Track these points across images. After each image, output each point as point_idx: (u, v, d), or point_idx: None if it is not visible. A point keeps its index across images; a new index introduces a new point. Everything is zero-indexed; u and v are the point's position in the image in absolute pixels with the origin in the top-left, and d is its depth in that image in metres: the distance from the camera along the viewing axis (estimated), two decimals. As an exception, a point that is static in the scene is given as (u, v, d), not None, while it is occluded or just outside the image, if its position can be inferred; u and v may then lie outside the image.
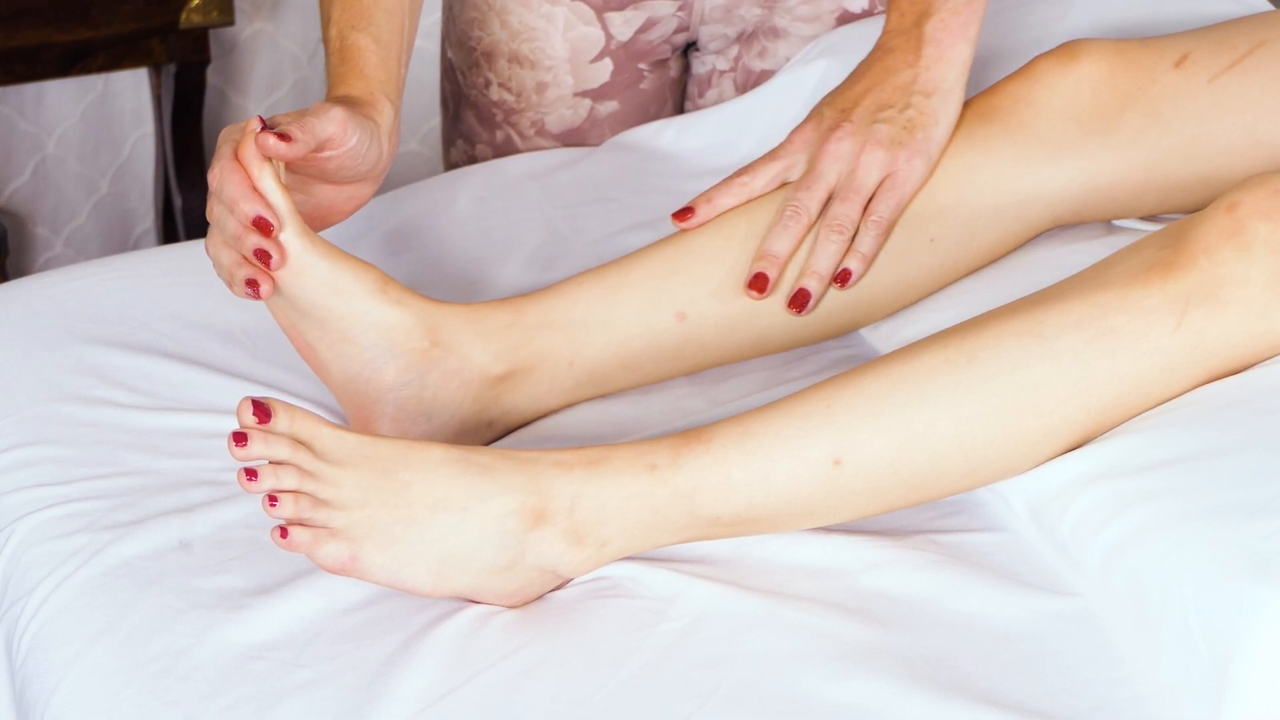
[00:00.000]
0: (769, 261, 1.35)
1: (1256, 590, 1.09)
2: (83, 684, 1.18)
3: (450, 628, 1.18)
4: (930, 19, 1.40)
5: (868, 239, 1.36)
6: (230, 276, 1.26)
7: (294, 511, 1.16)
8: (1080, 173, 1.40)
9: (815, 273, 1.36)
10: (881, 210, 1.36)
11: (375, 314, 1.29)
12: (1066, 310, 1.21)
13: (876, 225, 1.36)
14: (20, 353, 1.43)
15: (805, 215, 1.35)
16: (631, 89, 1.68)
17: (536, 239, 1.54)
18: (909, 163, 1.36)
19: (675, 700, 1.13)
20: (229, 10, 2.25)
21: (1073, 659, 1.15)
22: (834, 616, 1.18)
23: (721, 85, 1.70)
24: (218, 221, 1.26)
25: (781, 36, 1.67)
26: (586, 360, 1.35)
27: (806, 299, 1.35)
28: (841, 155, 1.37)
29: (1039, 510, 1.22)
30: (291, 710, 1.14)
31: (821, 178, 1.36)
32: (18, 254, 2.44)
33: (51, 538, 1.28)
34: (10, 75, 2.21)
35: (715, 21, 1.66)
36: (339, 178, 1.30)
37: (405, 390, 1.30)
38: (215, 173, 1.24)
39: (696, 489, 1.19)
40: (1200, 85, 1.39)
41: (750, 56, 1.68)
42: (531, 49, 1.65)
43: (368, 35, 1.33)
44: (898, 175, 1.36)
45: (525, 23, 1.64)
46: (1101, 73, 1.40)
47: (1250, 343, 1.22)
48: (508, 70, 1.66)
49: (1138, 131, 1.39)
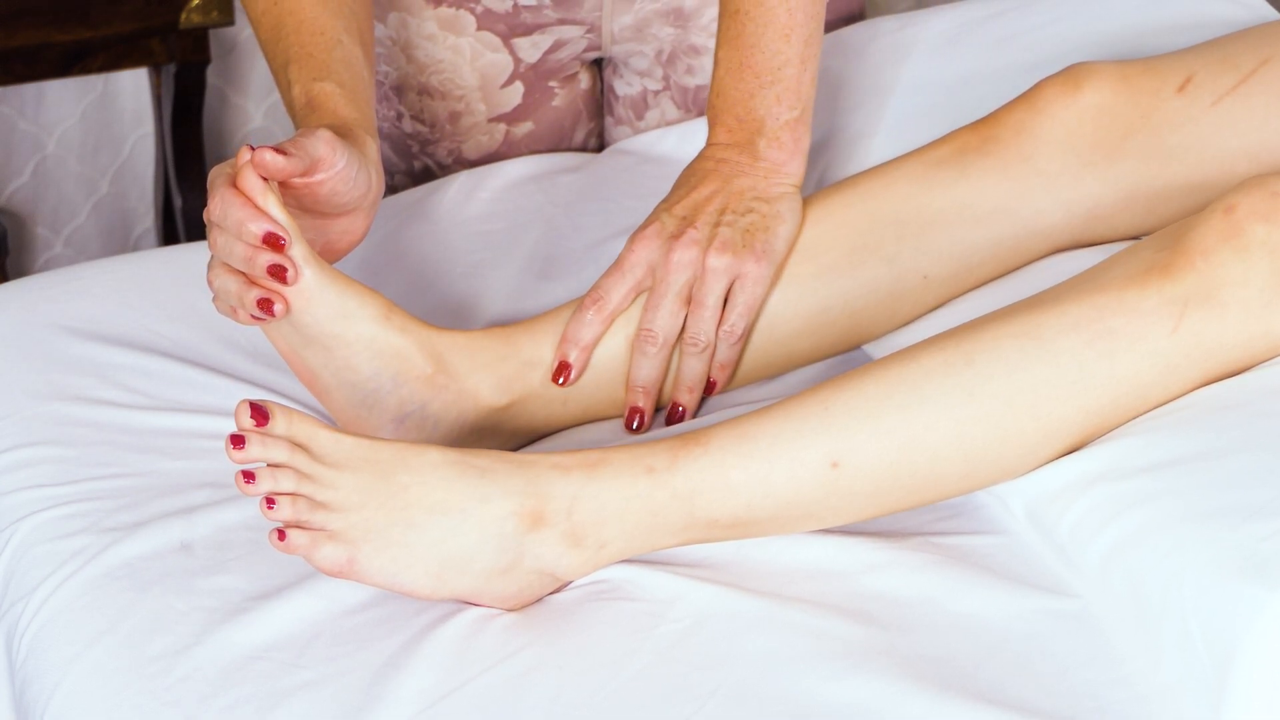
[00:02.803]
0: (640, 394, 1.36)
1: (1255, 591, 1.09)
2: (83, 684, 1.18)
3: (450, 630, 1.18)
4: (762, 139, 1.40)
5: (724, 350, 1.37)
6: (239, 301, 1.25)
7: (292, 514, 1.16)
8: (1079, 205, 1.40)
9: (685, 388, 1.37)
10: (733, 321, 1.36)
11: (380, 340, 1.29)
12: (1064, 313, 1.21)
13: (729, 336, 1.37)
14: (21, 353, 1.43)
15: (661, 336, 1.36)
16: (544, 108, 1.67)
17: (535, 240, 1.54)
18: (756, 266, 1.36)
19: (675, 702, 1.13)
20: (229, 10, 2.25)
21: (1072, 660, 1.15)
22: (833, 618, 1.18)
23: (661, 105, 1.69)
24: (222, 250, 1.25)
25: (703, 53, 1.66)
26: (581, 399, 1.36)
27: (683, 414, 1.37)
28: (686, 264, 1.36)
29: (1038, 512, 1.22)
30: (291, 711, 1.14)
31: (670, 290, 1.36)
32: (18, 254, 2.44)
33: (52, 538, 1.28)
34: (10, 75, 2.21)
35: (628, 41, 1.65)
36: (330, 206, 1.29)
37: (409, 421, 1.31)
38: (215, 203, 1.24)
39: (695, 491, 1.20)
40: (1204, 110, 1.38)
41: (679, 74, 1.67)
42: (440, 80, 1.63)
43: (331, 83, 1.33)
44: (744, 281, 1.36)
45: (432, 56, 1.63)
46: (1104, 102, 1.39)
47: (1248, 344, 1.22)
48: (419, 102, 1.65)
49: (1140, 162, 1.39)
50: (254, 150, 1.22)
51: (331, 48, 1.35)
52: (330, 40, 1.35)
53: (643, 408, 1.36)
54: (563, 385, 1.35)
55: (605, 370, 1.36)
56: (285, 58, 1.36)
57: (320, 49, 1.35)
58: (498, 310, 1.47)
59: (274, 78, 1.39)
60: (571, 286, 1.49)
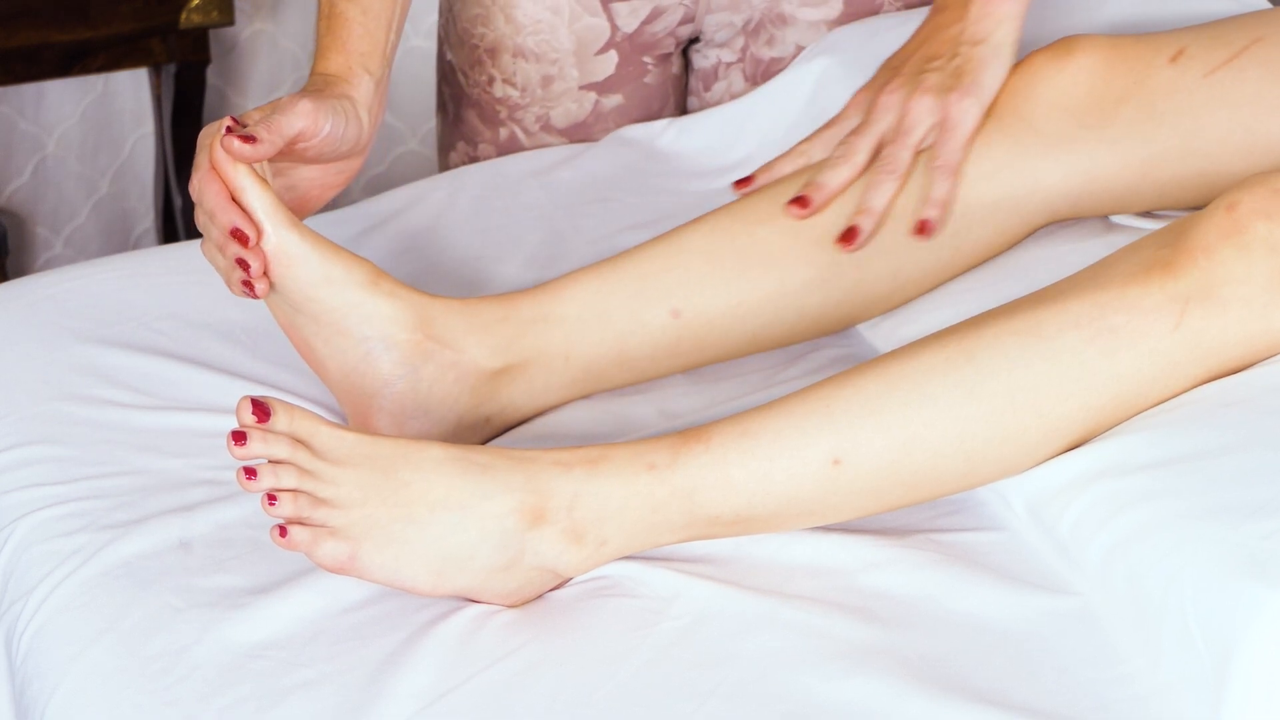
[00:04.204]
0: (816, 188, 1.36)
1: (1256, 589, 1.09)
2: (83, 684, 1.18)
3: (450, 627, 1.18)
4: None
5: (939, 185, 1.37)
6: (226, 278, 1.27)
7: (293, 510, 1.16)
8: (1076, 166, 1.40)
9: (868, 210, 1.36)
10: (944, 154, 1.37)
11: (368, 306, 1.29)
12: (1066, 309, 1.21)
13: (943, 170, 1.37)
14: (20, 353, 1.43)
15: (855, 156, 1.36)
16: (636, 82, 1.68)
17: (536, 238, 1.54)
18: (959, 103, 1.37)
19: (675, 700, 1.13)
20: (229, 10, 2.25)
21: (1072, 658, 1.15)
22: (834, 616, 1.18)
23: (729, 77, 1.70)
24: (204, 229, 1.26)
25: (789, 23, 1.67)
26: (582, 356, 1.35)
27: (856, 235, 1.35)
28: (891, 106, 1.38)
29: (1038, 509, 1.22)
30: (291, 709, 1.14)
31: (872, 125, 1.38)
32: (18, 254, 2.44)
33: (51, 537, 1.28)
34: (10, 75, 2.21)
35: (722, 9, 1.66)
36: (321, 161, 1.30)
37: (401, 384, 1.30)
38: (194, 182, 1.25)
39: (695, 488, 1.19)
40: (1196, 80, 1.39)
41: (758, 45, 1.68)
42: (537, 42, 1.65)
43: (356, 6, 1.34)
44: (950, 117, 1.37)
45: (531, 15, 1.64)
46: (1097, 67, 1.40)
47: (1250, 342, 1.22)
48: (512, 65, 1.66)
49: (1134, 126, 1.39)
50: (231, 127, 1.23)
51: None
52: None
53: (812, 197, 1.35)
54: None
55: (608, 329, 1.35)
56: None
57: None
58: (498, 306, 1.47)
59: None
60: (573, 281, 1.48)
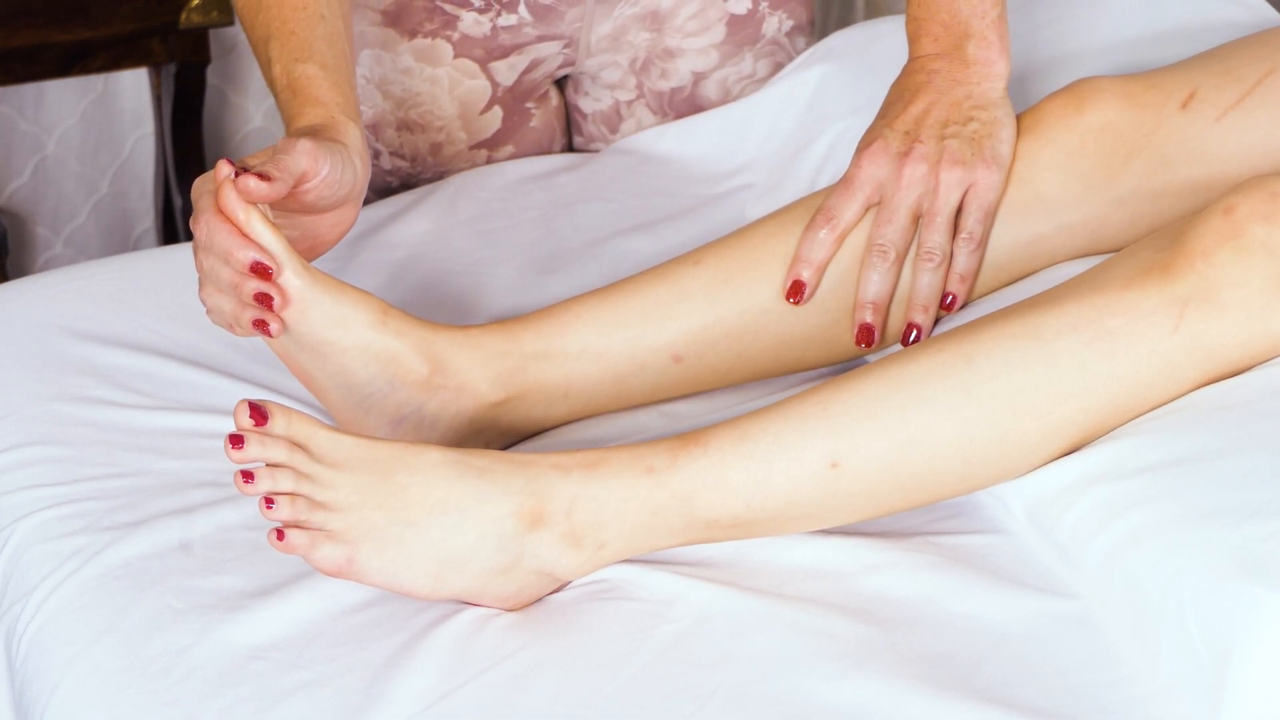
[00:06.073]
0: (869, 310, 1.35)
1: (1254, 592, 1.09)
2: (83, 684, 1.18)
3: (449, 630, 1.18)
4: (970, 41, 1.40)
5: (963, 259, 1.36)
6: (235, 320, 1.25)
7: (291, 514, 1.16)
8: (1083, 226, 1.39)
9: (922, 306, 1.36)
10: (971, 227, 1.36)
11: (377, 345, 1.28)
12: (1064, 313, 1.21)
13: (969, 242, 1.36)
14: (20, 353, 1.43)
15: (893, 251, 1.35)
16: (523, 129, 1.66)
17: (536, 239, 1.54)
18: (988, 173, 1.36)
19: (675, 702, 1.13)
20: (229, 10, 2.25)
21: (1071, 660, 1.15)
22: (833, 618, 1.18)
23: (636, 114, 1.69)
24: (210, 273, 1.24)
25: (677, 55, 1.66)
26: (581, 393, 1.35)
27: (919, 334, 1.36)
28: (918, 180, 1.36)
29: (1037, 512, 1.22)
30: (291, 711, 1.14)
31: (902, 205, 1.36)
32: (18, 254, 2.44)
33: (51, 538, 1.28)
34: (10, 75, 2.21)
35: (604, 51, 1.65)
36: (319, 207, 1.28)
37: (406, 423, 1.31)
38: (201, 226, 1.23)
39: (694, 491, 1.19)
40: (1208, 125, 1.38)
41: (653, 80, 1.66)
42: (420, 114, 1.62)
43: (314, 64, 1.32)
44: (977, 188, 1.36)
45: (410, 89, 1.62)
46: (1108, 122, 1.39)
47: (1248, 345, 1.22)
48: (398, 138, 1.64)
49: (1144, 180, 1.39)
50: (235, 170, 1.21)
51: (314, 24, 1.33)
52: (312, 16, 1.33)
53: (872, 324, 1.35)
54: (796, 304, 1.34)
55: (608, 368, 1.35)
56: (266, 31, 1.34)
57: (302, 25, 1.33)
58: (498, 307, 1.47)
59: (253, 51, 1.37)
60: (572, 283, 1.49)
